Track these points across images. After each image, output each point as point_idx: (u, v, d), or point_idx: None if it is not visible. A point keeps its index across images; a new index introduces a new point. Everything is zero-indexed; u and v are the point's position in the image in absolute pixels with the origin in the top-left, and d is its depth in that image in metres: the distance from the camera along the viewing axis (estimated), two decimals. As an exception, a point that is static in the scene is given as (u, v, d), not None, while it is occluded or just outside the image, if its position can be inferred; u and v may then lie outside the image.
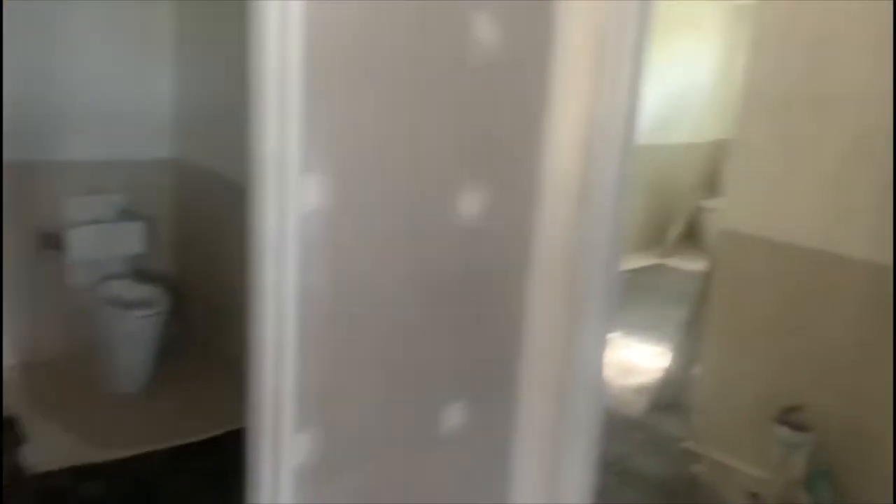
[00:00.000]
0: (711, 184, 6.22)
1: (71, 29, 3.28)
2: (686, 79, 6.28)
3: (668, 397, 3.47)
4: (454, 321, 1.86)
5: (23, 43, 3.17)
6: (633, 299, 4.72)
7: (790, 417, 2.56)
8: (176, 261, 3.80)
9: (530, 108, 1.85)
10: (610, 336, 2.05)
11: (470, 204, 1.79)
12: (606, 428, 2.09)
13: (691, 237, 6.42)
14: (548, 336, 1.99)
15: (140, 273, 3.56)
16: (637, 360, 4.10)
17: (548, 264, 1.94)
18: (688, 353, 3.36)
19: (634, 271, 5.67)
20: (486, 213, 1.82)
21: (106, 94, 3.42)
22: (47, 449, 2.76)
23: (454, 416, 1.92)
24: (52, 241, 3.34)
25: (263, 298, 1.52)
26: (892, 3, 2.29)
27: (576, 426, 2.00)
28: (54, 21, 3.24)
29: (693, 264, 5.36)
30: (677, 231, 6.42)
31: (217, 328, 3.53)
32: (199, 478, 2.68)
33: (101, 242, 3.40)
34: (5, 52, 3.06)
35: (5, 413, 2.98)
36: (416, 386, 1.82)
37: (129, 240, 3.49)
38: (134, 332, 3.17)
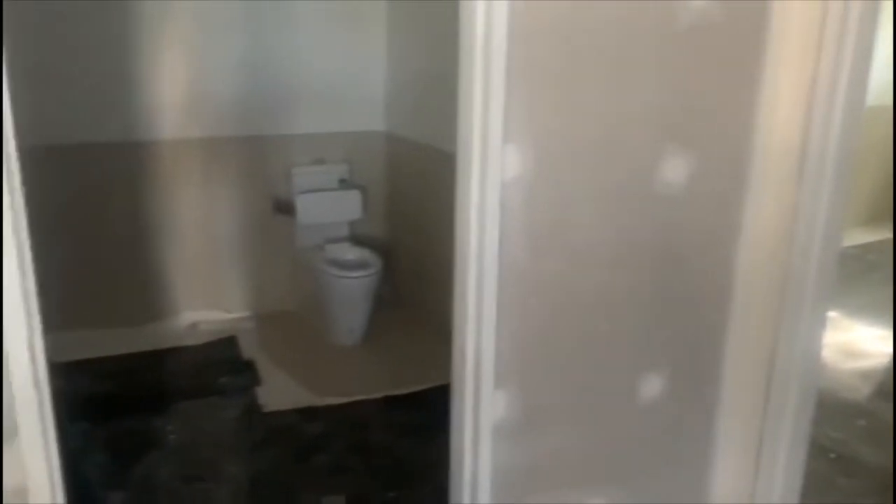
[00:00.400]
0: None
1: (296, 14, 3.60)
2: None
3: (897, 384, 3.15)
4: (655, 290, 1.83)
5: (255, 28, 3.53)
6: (859, 278, 4.29)
7: None
8: (387, 226, 4.08)
9: (744, 69, 1.75)
10: (829, 315, 1.91)
11: (675, 171, 1.74)
12: (822, 411, 1.96)
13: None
14: (757, 311, 1.89)
15: (356, 237, 3.87)
16: (862, 343, 3.75)
17: (758, 236, 1.84)
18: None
19: (861, 247, 5.13)
20: (692, 181, 1.77)
21: (327, 72, 3.72)
22: (276, 391, 3.13)
23: (652, 387, 1.90)
24: (283, 207, 3.73)
25: (466, 262, 1.61)
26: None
27: (785, 406, 1.89)
28: (283, 8, 3.57)
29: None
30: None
31: (423, 288, 3.75)
32: (404, 427, 2.89)
33: (324, 209, 3.73)
34: (246, 37, 3.45)
35: (245, 356, 3.41)
36: (613, 353, 1.83)
37: (349, 206, 3.79)
38: (351, 292, 3.47)
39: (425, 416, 2.92)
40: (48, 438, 1.29)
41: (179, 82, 3.46)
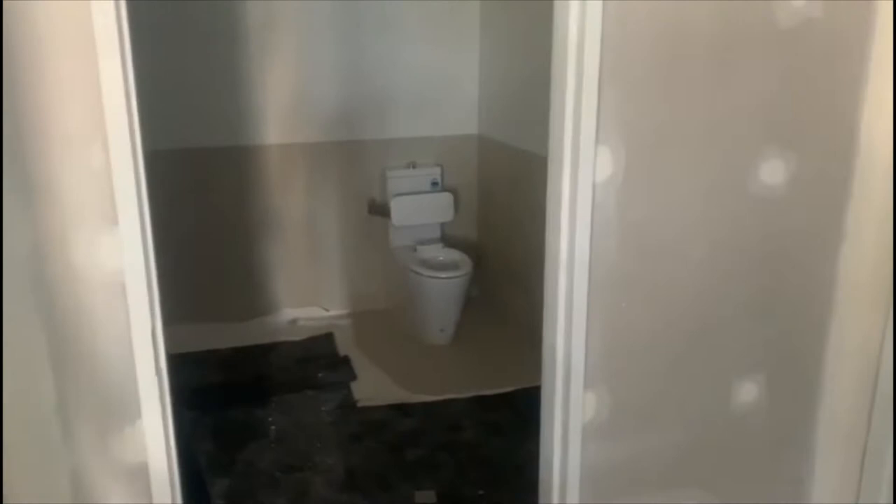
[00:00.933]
0: None
1: (392, 21, 3.71)
2: None
3: None
4: (751, 294, 1.80)
5: (353, 36, 3.66)
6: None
7: None
8: (478, 227, 4.13)
9: (847, 69, 1.69)
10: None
11: (774, 172, 1.71)
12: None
13: None
14: (860, 318, 1.83)
15: (448, 238, 3.94)
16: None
17: (863, 242, 1.78)
18: None
19: None
20: (792, 182, 1.73)
21: (422, 77, 3.81)
22: (370, 386, 3.23)
23: (747, 393, 1.87)
24: (377, 209, 3.85)
25: (557, 263, 1.63)
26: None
27: (889, 421, 1.82)
28: (379, 15, 3.68)
29: None
30: None
31: (512, 289, 3.78)
32: (494, 427, 2.93)
33: (417, 211, 3.82)
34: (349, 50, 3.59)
35: (341, 353, 3.54)
36: (706, 357, 1.80)
37: (441, 209, 3.87)
38: (442, 293, 3.54)
39: (515, 416, 2.95)
40: (167, 422, 1.41)
41: (282, 90, 3.63)
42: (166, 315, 1.43)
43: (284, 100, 3.65)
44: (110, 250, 1.30)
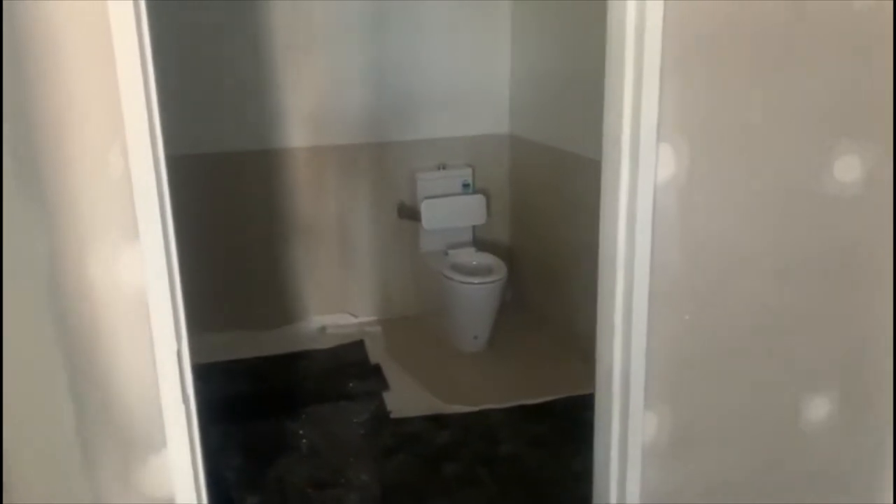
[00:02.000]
0: None
1: (421, 20, 3.59)
2: None
3: None
4: (824, 303, 1.65)
5: (381, 36, 3.54)
6: None
7: None
8: (510, 229, 3.99)
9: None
10: None
11: (849, 169, 1.56)
12: None
13: None
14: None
15: (480, 241, 3.81)
16: None
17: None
18: None
19: None
20: (868, 180, 1.57)
21: (451, 77, 3.69)
22: (403, 397, 3.11)
23: (818, 410, 1.72)
24: (407, 212, 3.73)
25: (614, 271, 1.50)
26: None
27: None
28: (408, 14, 3.56)
29: None
30: None
31: (547, 293, 3.64)
32: (534, 439, 2.79)
33: (448, 214, 3.69)
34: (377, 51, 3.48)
35: (372, 361, 3.43)
36: (774, 372, 1.66)
37: (473, 211, 3.74)
38: (476, 299, 3.41)
39: (558, 428, 2.81)
40: (195, 452, 1.29)
41: (308, 91, 3.52)
42: (191, 323, 1.32)
43: (311, 101, 3.54)
44: (131, 266, 1.19)
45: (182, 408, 1.26)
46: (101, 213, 1.17)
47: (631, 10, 1.36)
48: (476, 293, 3.40)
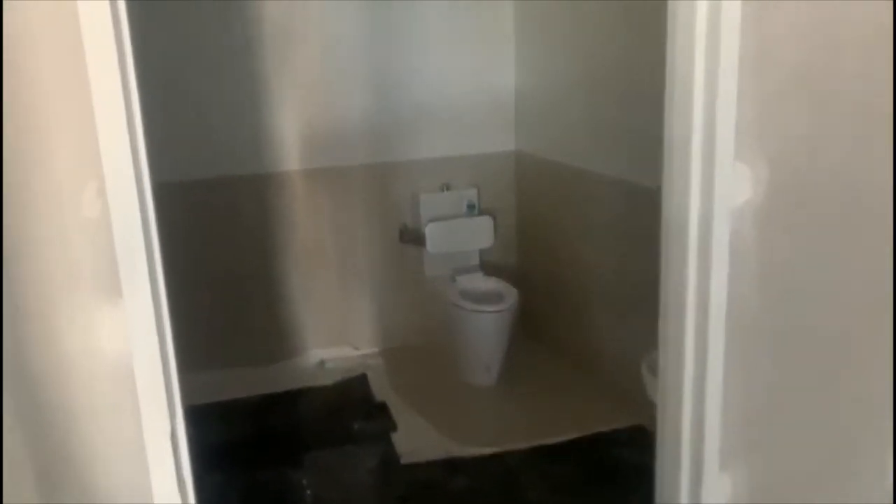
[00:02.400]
0: None
1: (421, 36, 3.39)
2: None
3: None
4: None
5: (380, 53, 3.34)
6: None
7: None
8: (519, 251, 3.77)
9: None
10: None
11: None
12: None
13: None
14: None
15: (487, 265, 3.59)
16: None
17: None
18: None
19: None
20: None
21: (453, 93, 3.48)
22: (413, 438, 2.87)
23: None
24: (410, 236, 3.51)
25: (683, 311, 1.28)
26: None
27: None
28: (408, 29, 3.36)
29: None
30: None
31: (561, 320, 3.42)
32: (559, 482, 2.56)
33: (453, 237, 3.48)
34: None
35: (377, 398, 3.18)
36: (868, 425, 1.44)
37: (479, 234, 3.53)
38: (487, 328, 3.18)
39: (585, 470, 2.58)
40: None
41: (303, 111, 3.30)
42: (180, 361, 1.09)
43: (306, 122, 3.32)
44: (112, 331, 0.95)
45: (178, 499, 1.02)
46: (74, 266, 0.94)
47: (702, 14, 1.15)
48: (487, 322, 3.17)
